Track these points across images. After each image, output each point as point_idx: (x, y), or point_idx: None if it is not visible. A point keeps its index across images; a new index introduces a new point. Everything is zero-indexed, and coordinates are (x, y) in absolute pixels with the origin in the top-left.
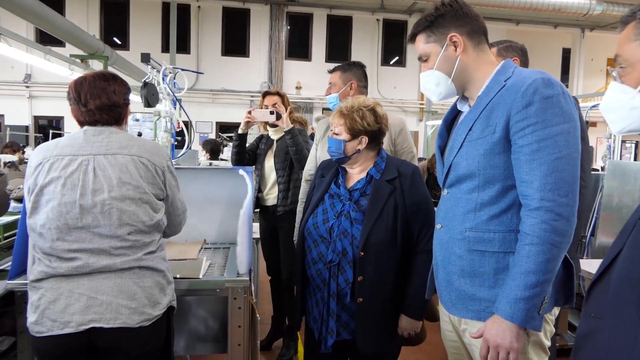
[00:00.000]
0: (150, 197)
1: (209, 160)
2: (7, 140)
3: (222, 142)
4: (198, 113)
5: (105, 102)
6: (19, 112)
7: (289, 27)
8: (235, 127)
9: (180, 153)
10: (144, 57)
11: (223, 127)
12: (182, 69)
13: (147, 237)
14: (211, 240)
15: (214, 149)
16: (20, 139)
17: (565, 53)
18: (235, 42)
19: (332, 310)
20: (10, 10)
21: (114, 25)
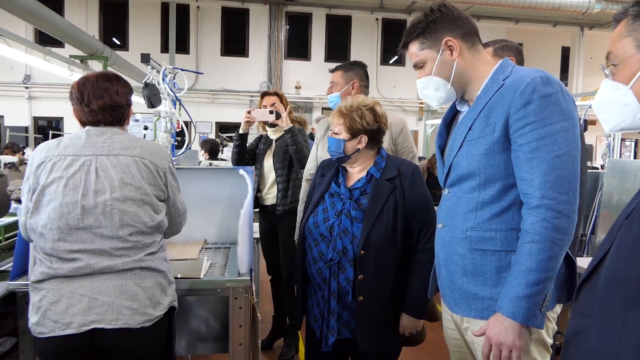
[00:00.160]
0: (151, 198)
1: (209, 160)
2: (7, 141)
3: (221, 142)
4: (197, 113)
5: (108, 103)
6: (19, 113)
7: (288, 27)
8: (234, 127)
9: (181, 151)
10: (144, 58)
11: (222, 127)
12: (181, 69)
13: (148, 238)
14: (212, 240)
15: (213, 149)
16: (19, 139)
17: (565, 51)
18: (234, 42)
19: (332, 308)
20: (9, 11)
21: (113, 26)
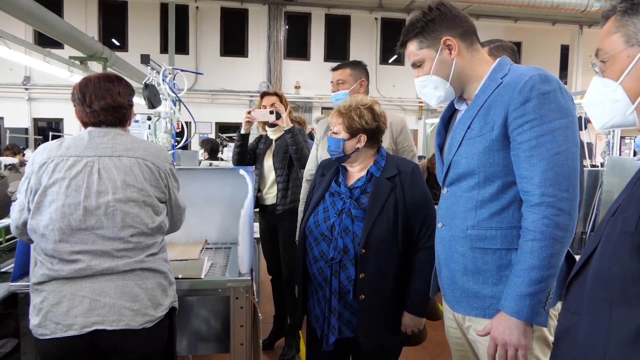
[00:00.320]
0: (153, 199)
1: (209, 161)
2: (7, 143)
3: (221, 143)
4: (197, 113)
5: (110, 103)
6: (19, 114)
7: (287, 27)
8: (234, 127)
9: (179, 145)
10: (144, 59)
11: (222, 127)
12: (181, 70)
13: (149, 239)
14: (212, 241)
15: (213, 149)
16: (19, 141)
17: (564, 50)
18: (233, 42)
19: (333, 308)
20: (8, 13)
21: (113, 27)
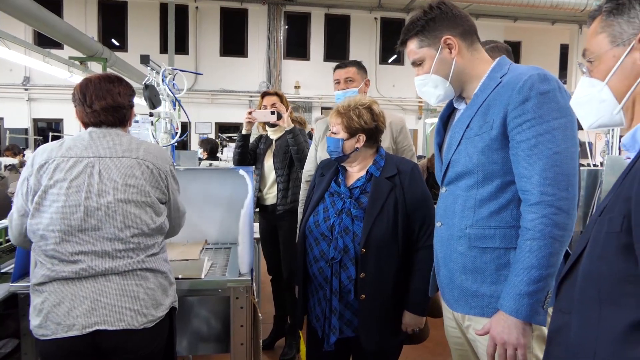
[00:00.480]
0: (153, 200)
1: (209, 161)
2: (7, 143)
3: (221, 143)
4: (197, 114)
5: (111, 103)
6: (18, 114)
7: (287, 27)
8: (234, 128)
9: (173, 140)
10: (144, 59)
11: (222, 127)
12: (181, 70)
13: (149, 239)
14: (212, 241)
15: (213, 149)
16: (19, 141)
17: (563, 49)
18: (233, 42)
19: (334, 307)
20: (8, 13)
21: (112, 27)
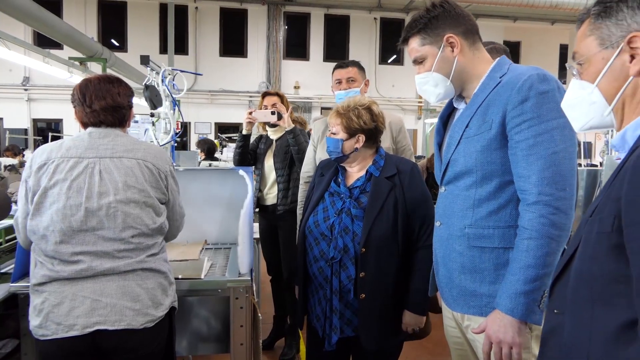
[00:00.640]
0: (154, 200)
1: (207, 161)
2: (7, 144)
3: (221, 143)
4: (197, 114)
5: (110, 103)
6: (18, 115)
7: (287, 27)
8: (234, 128)
9: (166, 141)
10: (144, 60)
11: (222, 127)
12: (181, 71)
13: (150, 239)
14: (212, 241)
15: (210, 149)
16: (19, 142)
17: (563, 49)
18: (233, 42)
19: (335, 307)
20: (8, 14)
21: (112, 27)
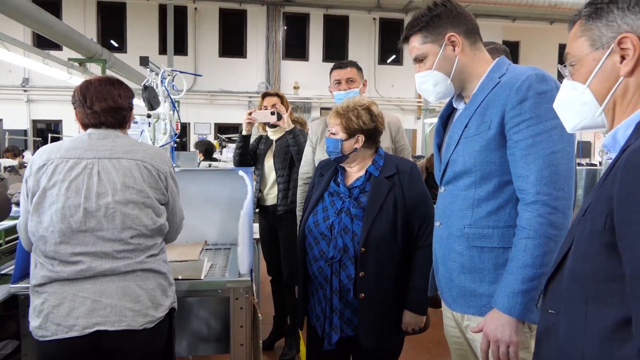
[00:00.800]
0: (153, 201)
1: (208, 162)
2: (7, 145)
3: (221, 143)
4: (196, 114)
5: (111, 105)
6: (18, 116)
7: (286, 28)
8: (233, 128)
9: (162, 142)
10: (143, 61)
11: (221, 128)
12: (180, 72)
13: (149, 240)
14: (212, 241)
15: (208, 150)
16: (18, 143)
17: (562, 49)
18: (232, 43)
19: (335, 306)
20: (7, 15)
21: (111, 28)
